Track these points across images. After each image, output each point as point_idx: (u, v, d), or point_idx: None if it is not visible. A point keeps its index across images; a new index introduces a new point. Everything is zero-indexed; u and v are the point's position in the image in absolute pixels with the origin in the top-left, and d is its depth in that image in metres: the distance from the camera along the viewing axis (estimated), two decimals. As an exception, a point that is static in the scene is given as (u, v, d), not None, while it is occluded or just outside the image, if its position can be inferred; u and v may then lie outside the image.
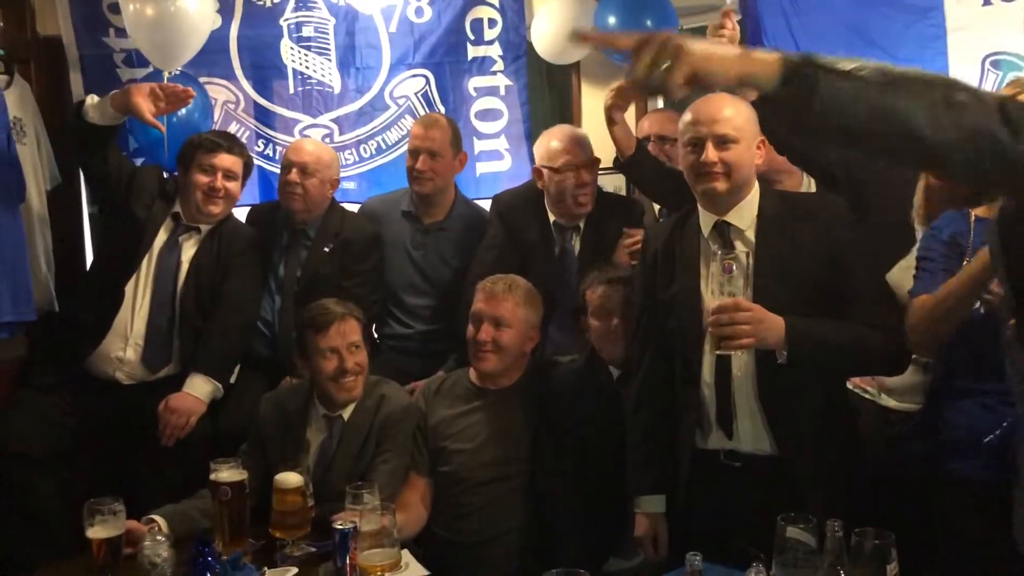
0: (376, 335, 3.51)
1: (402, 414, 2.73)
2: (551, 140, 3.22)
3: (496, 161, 4.15)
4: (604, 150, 3.29)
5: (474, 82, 4.17)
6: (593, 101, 4.20)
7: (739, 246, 2.27)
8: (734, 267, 2.11)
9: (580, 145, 3.19)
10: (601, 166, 3.28)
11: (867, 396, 2.64)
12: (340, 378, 2.66)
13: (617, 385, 2.70)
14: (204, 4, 3.57)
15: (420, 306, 3.49)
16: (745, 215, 2.31)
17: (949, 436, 2.21)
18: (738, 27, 2.91)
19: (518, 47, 4.14)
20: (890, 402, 2.59)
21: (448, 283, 3.44)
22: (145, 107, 3.02)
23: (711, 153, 2.24)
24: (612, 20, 3.78)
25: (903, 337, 2.22)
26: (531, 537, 2.63)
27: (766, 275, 2.23)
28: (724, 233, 2.31)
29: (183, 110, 3.42)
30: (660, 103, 4.14)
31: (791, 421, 2.22)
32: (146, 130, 3.53)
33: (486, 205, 3.60)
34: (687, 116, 2.34)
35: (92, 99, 3.10)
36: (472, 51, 4.16)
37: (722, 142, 2.25)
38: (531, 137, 3.99)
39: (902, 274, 2.50)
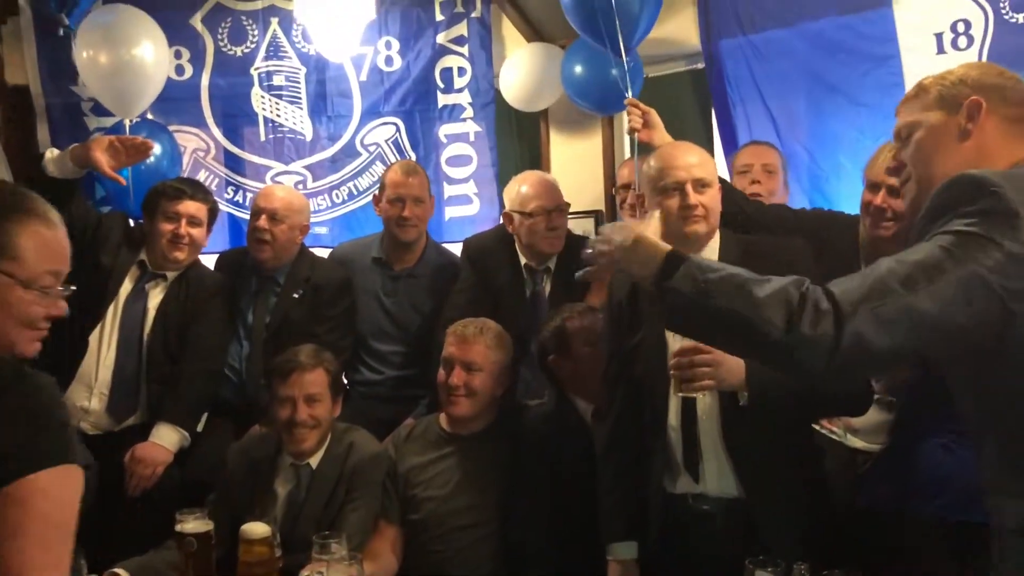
0: (346, 381, 3.49)
1: (371, 462, 2.70)
2: (521, 185, 3.25)
3: (465, 205, 4.20)
4: (572, 195, 3.34)
5: (444, 129, 4.23)
6: (560, 148, 4.26)
7: None
8: None
9: (550, 190, 3.22)
10: (574, 209, 3.31)
11: (834, 437, 2.66)
12: (291, 428, 2.64)
13: (588, 424, 2.70)
14: (159, 52, 3.60)
15: (391, 352, 3.47)
16: (708, 256, 2.31)
17: (914, 476, 2.22)
18: (649, 113, 2.97)
19: (487, 94, 4.20)
20: (857, 443, 2.61)
21: (419, 329, 3.44)
22: (104, 161, 3.01)
23: (694, 196, 2.27)
24: (579, 69, 3.84)
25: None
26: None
27: None
28: None
29: (151, 158, 3.42)
30: (627, 152, 4.21)
31: (756, 464, 2.22)
32: (114, 182, 3.54)
33: (455, 249, 3.61)
34: (657, 163, 2.35)
35: (51, 153, 3.07)
36: (442, 99, 4.22)
37: (700, 185, 2.28)
38: (500, 181, 4.03)
39: None
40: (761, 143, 3.38)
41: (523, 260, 3.29)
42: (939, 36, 3.33)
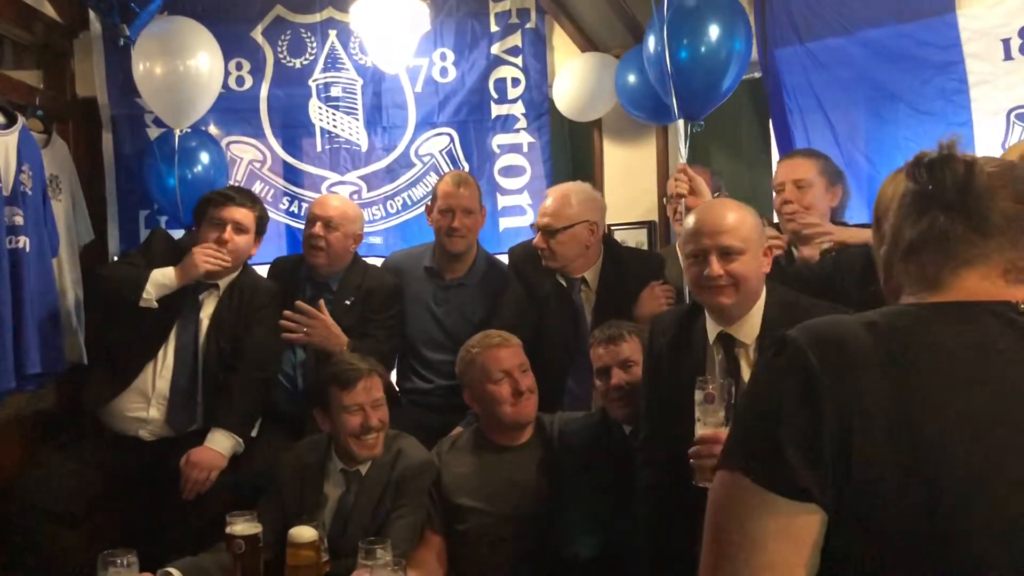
0: (397, 389, 3.51)
1: (418, 469, 2.71)
2: (547, 195, 3.29)
3: (519, 216, 4.19)
4: (625, 206, 3.33)
5: (497, 139, 4.23)
6: (614, 158, 4.24)
7: (744, 364, 2.20)
8: (715, 396, 2.01)
9: (553, 203, 3.20)
10: (620, 221, 3.29)
11: None
12: (363, 435, 2.65)
13: (630, 442, 2.66)
14: (214, 63, 3.67)
15: (441, 361, 3.48)
16: (749, 328, 2.21)
17: None
18: (696, 180, 2.86)
19: (540, 105, 4.20)
20: None
21: (469, 338, 3.44)
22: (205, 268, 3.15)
23: (715, 266, 2.15)
24: (632, 79, 3.82)
25: None
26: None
27: None
28: (728, 347, 2.21)
29: (199, 167, 3.51)
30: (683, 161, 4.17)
31: None
32: (164, 191, 3.64)
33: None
34: (689, 224, 2.24)
35: (152, 288, 3.13)
36: (496, 109, 4.23)
37: (726, 253, 2.16)
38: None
39: None
40: (796, 155, 3.23)
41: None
42: (1006, 41, 3.24)
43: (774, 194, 3.13)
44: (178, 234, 3.62)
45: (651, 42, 3.12)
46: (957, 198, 1.14)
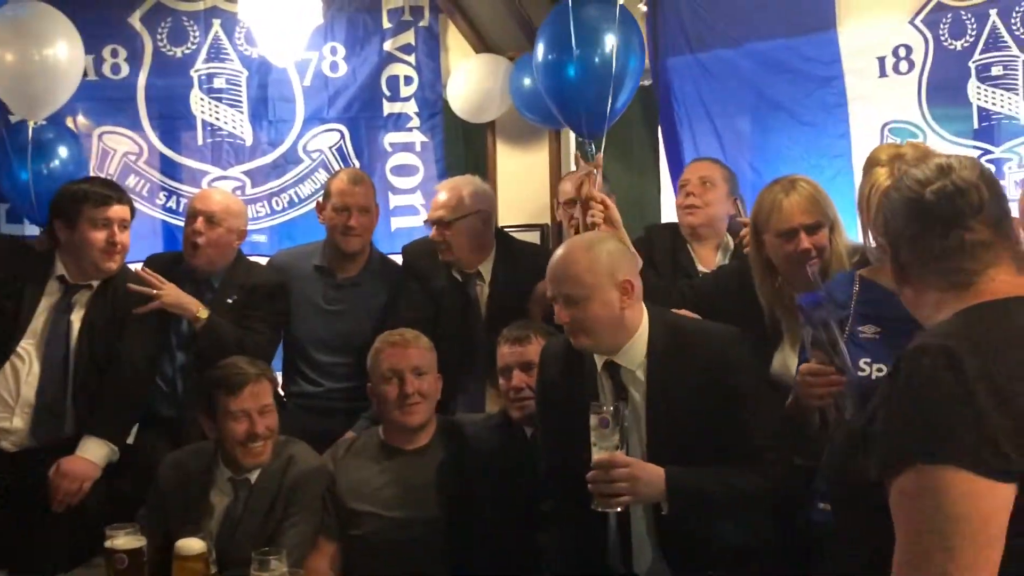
0: (282, 393, 3.40)
1: (311, 476, 2.63)
2: (437, 190, 3.32)
3: (411, 216, 4.16)
4: (518, 208, 3.35)
5: (390, 137, 4.19)
6: (507, 160, 4.25)
7: (631, 389, 2.22)
8: (609, 420, 2.04)
9: (445, 195, 3.23)
10: (513, 223, 3.31)
11: None
12: (250, 442, 2.56)
13: (532, 444, 2.67)
14: (74, 51, 3.40)
15: (332, 363, 3.39)
16: (633, 355, 2.22)
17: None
18: (611, 209, 2.78)
19: (434, 104, 4.18)
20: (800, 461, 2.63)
21: (361, 340, 3.36)
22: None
23: (561, 314, 2.18)
24: (527, 82, 3.84)
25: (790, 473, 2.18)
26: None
27: (660, 417, 2.17)
28: (615, 375, 2.23)
29: (55, 161, 3.33)
30: (574, 166, 4.21)
31: (689, 548, 2.17)
32: (13, 182, 3.40)
33: (400, 260, 3.57)
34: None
35: None
36: (388, 107, 4.18)
37: (569, 301, 2.16)
38: (447, 194, 3.99)
39: (783, 359, 2.54)
40: (704, 159, 3.39)
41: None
42: (881, 60, 3.43)
43: (679, 190, 3.22)
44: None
45: (541, 53, 3.11)
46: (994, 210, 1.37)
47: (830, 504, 2.12)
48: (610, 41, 2.86)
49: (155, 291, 3.09)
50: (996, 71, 3.24)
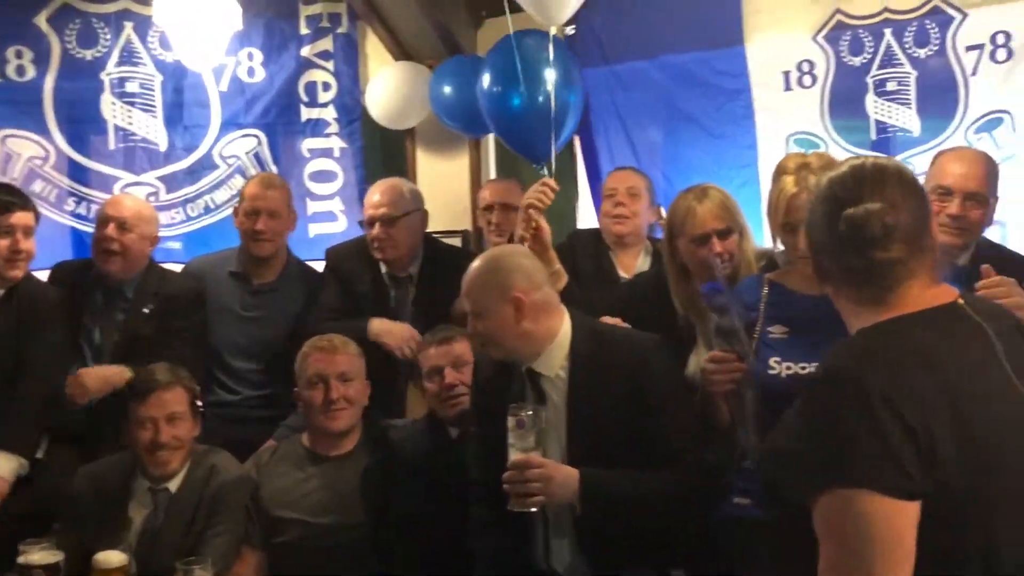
0: (200, 403, 3.34)
1: (234, 485, 2.62)
2: (374, 193, 3.30)
3: (330, 222, 4.14)
4: (438, 215, 3.38)
5: (308, 143, 4.17)
6: (427, 167, 4.27)
7: (552, 394, 2.26)
8: (526, 422, 2.10)
9: (387, 194, 3.25)
10: (433, 229, 3.35)
11: None
12: (154, 451, 2.54)
13: (457, 446, 2.70)
14: None
15: (249, 370, 3.36)
16: (552, 362, 2.26)
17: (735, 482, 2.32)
18: (543, 231, 2.79)
19: (353, 111, 4.18)
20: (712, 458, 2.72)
21: (279, 346, 3.34)
22: None
23: (470, 327, 2.29)
24: (447, 90, 3.87)
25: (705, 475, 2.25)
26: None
27: (579, 422, 2.22)
28: (535, 381, 2.27)
29: None
30: (493, 175, 4.27)
31: (606, 546, 2.22)
32: None
33: (319, 267, 3.55)
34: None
35: None
36: (306, 113, 4.16)
37: (473, 316, 2.26)
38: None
39: (697, 362, 2.59)
40: (627, 168, 3.49)
41: (384, 268, 3.30)
42: (786, 74, 3.58)
43: (603, 202, 3.28)
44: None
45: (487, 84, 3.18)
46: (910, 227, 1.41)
47: (749, 500, 2.25)
48: (552, 74, 3.00)
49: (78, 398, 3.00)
50: (891, 86, 3.41)
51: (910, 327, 1.38)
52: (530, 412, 2.11)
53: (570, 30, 3.79)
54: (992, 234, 2.86)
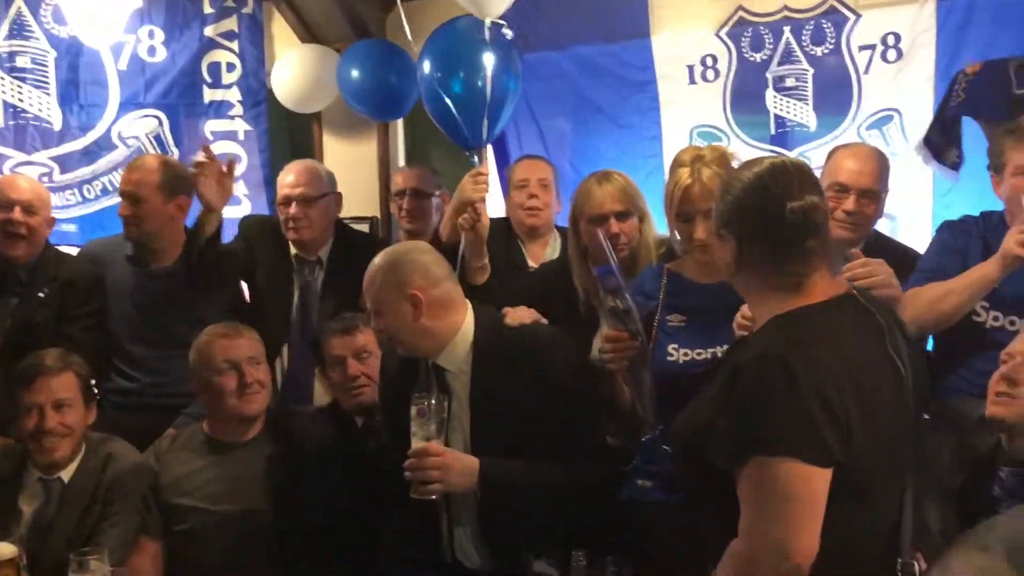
0: (96, 391, 3.24)
1: (131, 474, 2.56)
2: (287, 174, 3.29)
3: (234, 206, 4.03)
4: (346, 200, 3.36)
5: (211, 125, 4.09)
6: (335, 152, 4.23)
7: (457, 388, 2.28)
8: (426, 411, 2.13)
9: (304, 174, 3.24)
10: (341, 215, 3.32)
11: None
12: (39, 438, 2.46)
13: (362, 435, 2.69)
14: None
15: (148, 357, 3.24)
16: (455, 357, 2.27)
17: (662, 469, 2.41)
18: (482, 219, 2.85)
19: (258, 93, 4.10)
20: (617, 442, 2.79)
21: (179, 331, 3.26)
22: None
23: (373, 322, 2.31)
24: (355, 74, 3.84)
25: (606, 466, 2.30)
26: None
27: (482, 415, 2.24)
28: (439, 375, 2.28)
29: None
30: (402, 161, 4.25)
31: (509, 533, 2.24)
32: None
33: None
34: None
35: None
36: (209, 94, 4.08)
37: (373, 313, 2.27)
38: (271, 183, 3.94)
39: (600, 345, 2.70)
40: (534, 157, 3.51)
41: (293, 249, 3.28)
42: (691, 68, 3.67)
43: (511, 190, 3.29)
44: None
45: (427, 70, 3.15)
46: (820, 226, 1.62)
47: (651, 482, 2.32)
48: (491, 61, 2.99)
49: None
50: (790, 82, 3.54)
51: (820, 314, 1.58)
52: (432, 401, 2.13)
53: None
54: (882, 227, 3.01)
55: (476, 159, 3.04)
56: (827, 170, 2.81)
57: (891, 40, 3.39)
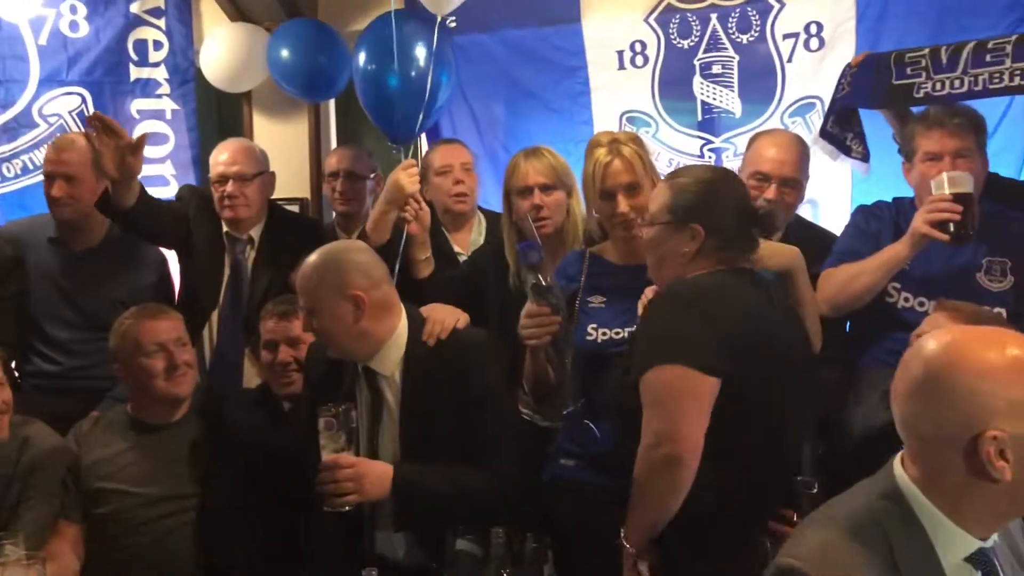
0: (17, 374, 3.17)
1: (49, 456, 2.52)
2: (219, 150, 3.28)
3: (162, 187, 3.98)
4: (277, 182, 3.33)
5: (137, 104, 4.01)
6: (265, 132, 4.18)
7: (388, 393, 2.29)
8: (335, 423, 2.12)
9: (239, 152, 3.23)
10: (274, 196, 3.29)
11: (526, 417, 2.87)
12: None
13: (291, 419, 2.69)
14: None
15: (71, 340, 3.20)
16: (388, 362, 2.27)
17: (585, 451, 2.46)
18: (425, 211, 2.88)
19: (186, 72, 4.03)
20: (544, 422, 2.83)
21: (103, 314, 3.20)
22: None
23: (304, 323, 2.30)
24: (285, 54, 3.79)
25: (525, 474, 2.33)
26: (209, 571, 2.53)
27: (412, 421, 2.26)
28: (372, 380, 2.29)
29: None
30: (333, 142, 4.22)
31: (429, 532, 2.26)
32: None
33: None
34: None
35: None
36: (135, 72, 3.99)
37: (308, 313, 2.24)
38: (200, 164, 3.88)
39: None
40: (452, 142, 3.46)
41: (224, 228, 3.27)
42: (620, 53, 3.69)
43: (432, 176, 3.28)
44: None
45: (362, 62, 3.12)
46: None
47: (573, 462, 2.37)
48: (426, 55, 3.02)
49: None
50: (716, 69, 3.59)
51: (725, 274, 1.98)
52: (340, 410, 2.13)
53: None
54: (804, 211, 3.09)
55: (403, 153, 3.01)
56: (748, 158, 2.88)
57: (813, 29, 3.46)
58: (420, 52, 3.16)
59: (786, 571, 1.37)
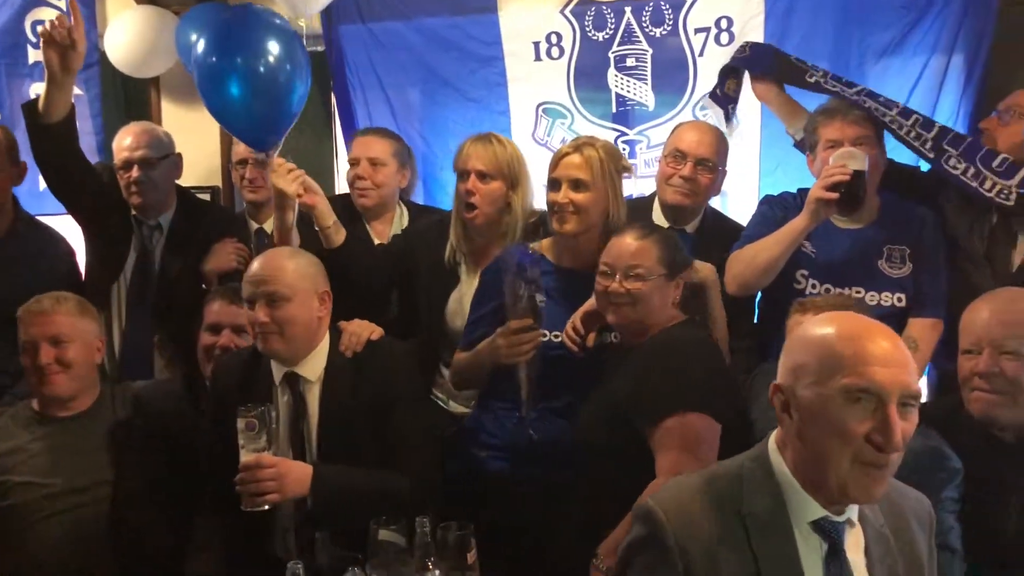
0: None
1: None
2: (122, 135, 3.22)
3: (64, 174, 3.81)
4: (186, 169, 3.27)
5: (36, 88, 3.82)
6: (174, 118, 4.06)
7: (308, 398, 2.34)
8: (256, 423, 2.14)
9: (144, 136, 3.19)
10: (190, 184, 3.23)
11: (439, 403, 2.89)
12: None
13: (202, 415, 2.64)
14: None
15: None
16: (314, 367, 2.34)
17: (488, 440, 2.51)
18: (306, 177, 2.77)
19: (90, 55, 3.83)
20: (458, 408, 2.86)
21: (7, 307, 3.08)
22: None
23: (260, 313, 2.27)
24: (195, 38, 3.67)
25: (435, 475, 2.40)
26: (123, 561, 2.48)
27: (331, 424, 2.32)
28: (294, 385, 2.34)
29: None
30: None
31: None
32: None
33: (54, 222, 3.33)
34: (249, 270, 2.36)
35: None
36: (34, 55, 3.83)
37: (272, 300, 2.26)
38: (105, 150, 3.75)
39: (459, 297, 2.79)
40: (371, 133, 3.40)
41: (133, 211, 3.22)
42: (536, 45, 3.71)
43: (351, 167, 3.26)
44: None
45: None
46: None
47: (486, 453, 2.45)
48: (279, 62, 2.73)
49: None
50: (630, 62, 3.64)
51: (696, 324, 2.33)
52: (260, 411, 2.15)
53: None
54: (715, 203, 3.18)
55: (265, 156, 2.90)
56: (668, 141, 3.00)
57: (724, 24, 3.54)
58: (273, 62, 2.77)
59: (642, 509, 1.53)
